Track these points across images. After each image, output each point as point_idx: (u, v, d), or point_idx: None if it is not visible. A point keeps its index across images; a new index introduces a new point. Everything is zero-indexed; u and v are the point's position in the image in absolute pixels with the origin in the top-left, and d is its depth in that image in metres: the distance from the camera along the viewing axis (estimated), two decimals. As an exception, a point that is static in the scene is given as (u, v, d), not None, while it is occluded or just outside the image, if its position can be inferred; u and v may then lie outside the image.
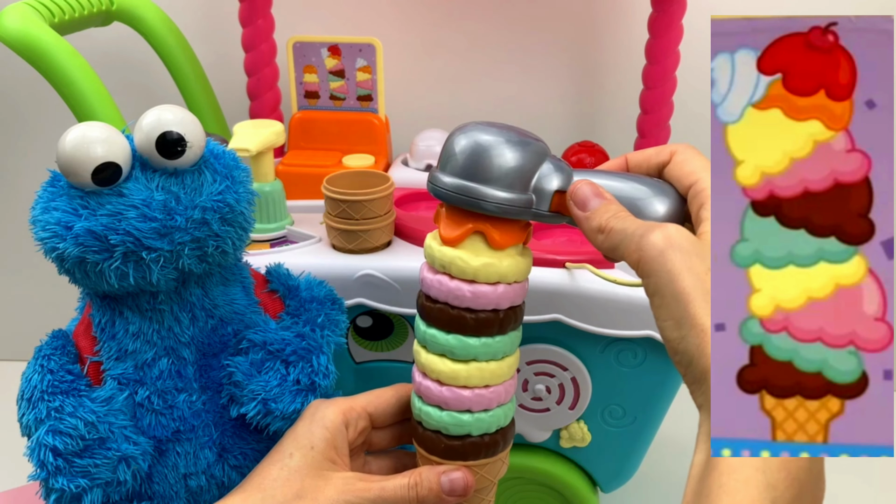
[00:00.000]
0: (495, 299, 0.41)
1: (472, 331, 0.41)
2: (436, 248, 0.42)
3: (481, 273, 0.40)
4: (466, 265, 0.40)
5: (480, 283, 0.41)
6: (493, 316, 0.41)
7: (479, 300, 0.41)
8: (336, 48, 0.70)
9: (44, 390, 0.42)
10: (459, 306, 0.41)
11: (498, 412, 0.44)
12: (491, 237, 0.40)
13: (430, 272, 0.42)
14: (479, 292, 0.41)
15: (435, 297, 0.42)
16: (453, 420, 0.43)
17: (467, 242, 0.41)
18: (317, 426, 0.43)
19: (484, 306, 0.41)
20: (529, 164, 0.39)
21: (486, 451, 0.44)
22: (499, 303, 0.41)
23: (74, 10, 0.59)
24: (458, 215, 0.41)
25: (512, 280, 0.41)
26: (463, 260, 0.40)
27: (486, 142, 0.39)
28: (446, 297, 0.41)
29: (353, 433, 0.44)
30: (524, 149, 0.39)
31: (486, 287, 0.41)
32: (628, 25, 0.76)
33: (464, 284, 0.41)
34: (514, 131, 0.40)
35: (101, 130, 0.39)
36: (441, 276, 0.42)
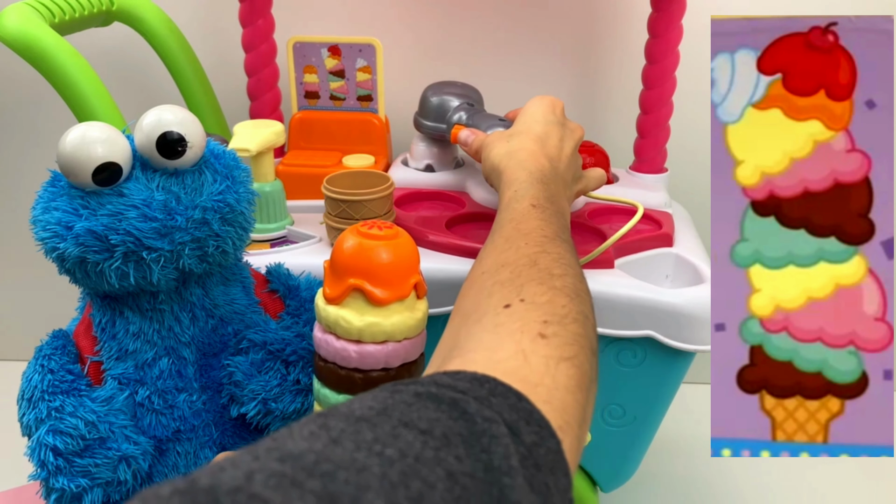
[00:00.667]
0: (384, 359, 0.40)
1: (361, 391, 0.40)
2: (321, 307, 0.40)
3: (366, 333, 0.39)
4: (350, 325, 0.39)
5: (366, 343, 0.39)
6: (384, 375, 0.40)
7: (366, 360, 0.40)
8: (336, 48, 0.70)
9: (44, 390, 0.42)
10: (347, 367, 0.40)
11: None
12: (371, 294, 0.39)
13: (320, 331, 0.41)
14: (365, 352, 0.39)
15: (324, 357, 0.41)
16: None
17: (350, 301, 0.39)
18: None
19: (372, 366, 0.40)
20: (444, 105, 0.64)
21: None
22: (388, 362, 0.40)
23: (74, 10, 0.59)
24: (339, 271, 0.40)
25: (401, 338, 0.40)
26: (346, 320, 0.39)
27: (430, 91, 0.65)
28: (334, 357, 0.40)
29: None
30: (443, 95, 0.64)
31: (373, 347, 0.40)
32: (628, 25, 0.76)
33: (349, 345, 0.40)
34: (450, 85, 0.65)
35: (101, 130, 0.39)
36: (328, 336, 0.40)
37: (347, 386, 0.40)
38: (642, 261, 0.59)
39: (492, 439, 0.25)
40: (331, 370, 0.41)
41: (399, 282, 0.40)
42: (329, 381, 0.41)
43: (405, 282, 0.40)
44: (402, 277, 0.40)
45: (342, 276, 0.39)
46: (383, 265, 0.39)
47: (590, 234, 0.60)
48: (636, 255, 0.59)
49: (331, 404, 0.40)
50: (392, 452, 0.22)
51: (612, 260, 0.55)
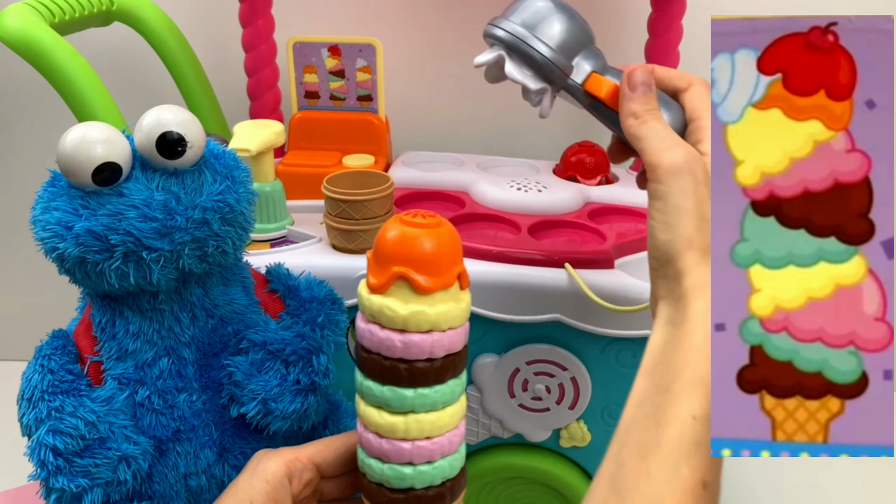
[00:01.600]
0: (428, 349, 0.39)
1: (406, 382, 0.39)
2: (365, 297, 0.40)
3: (411, 322, 0.38)
4: (395, 314, 0.38)
5: (411, 333, 0.39)
6: (429, 366, 0.39)
7: (410, 350, 0.39)
8: (336, 48, 0.70)
9: (44, 390, 0.42)
10: (392, 357, 0.39)
11: (442, 464, 0.41)
12: (415, 283, 0.38)
13: (363, 321, 0.41)
14: (410, 342, 0.39)
15: (368, 348, 0.40)
16: (395, 473, 0.41)
17: (395, 289, 0.39)
18: (258, 479, 0.42)
19: (417, 356, 0.39)
20: (578, 40, 0.47)
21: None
22: (433, 352, 0.39)
23: (74, 10, 0.59)
24: (383, 260, 0.39)
25: (446, 327, 0.39)
26: (391, 309, 0.38)
27: (548, 6, 0.46)
28: (378, 347, 0.39)
29: (298, 485, 0.43)
30: (577, 26, 0.46)
31: (418, 336, 0.39)
32: (628, 25, 0.76)
33: (394, 334, 0.39)
34: (572, 9, 0.47)
35: (101, 130, 0.39)
36: (372, 326, 0.40)
37: (392, 377, 0.40)
38: (642, 261, 0.58)
39: None
40: (375, 361, 0.40)
41: (443, 270, 0.39)
42: (373, 372, 0.40)
43: (449, 271, 0.39)
44: (446, 266, 0.39)
45: (386, 264, 0.39)
46: (427, 253, 0.38)
47: (590, 234, 0.60)
48: (636, 255, 0.59)
49: (374, 396, 0.40)
50: None
51: (612, 260, 0.55)
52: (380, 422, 0.40)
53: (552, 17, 0.46)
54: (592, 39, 0.47)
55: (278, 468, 0.42)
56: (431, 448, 0.41)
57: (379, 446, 0.41)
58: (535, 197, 0.62)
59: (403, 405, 0.40)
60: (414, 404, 0.40)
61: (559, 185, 0.65)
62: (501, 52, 0.47)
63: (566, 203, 0.62)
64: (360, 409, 0.42)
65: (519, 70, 0.46)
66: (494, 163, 0.72)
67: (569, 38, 0.46)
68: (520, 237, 0.58)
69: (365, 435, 0.42)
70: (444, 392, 0.40)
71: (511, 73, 0.46)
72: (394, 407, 0.40)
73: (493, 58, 0.47)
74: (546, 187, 0.64)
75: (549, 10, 0.46)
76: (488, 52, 0.47)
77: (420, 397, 0.40)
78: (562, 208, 0.62)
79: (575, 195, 0.64)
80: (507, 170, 0.71)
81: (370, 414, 0.41)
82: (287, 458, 0.43)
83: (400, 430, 0.40)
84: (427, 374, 0.39)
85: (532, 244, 0.56)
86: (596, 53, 0.47)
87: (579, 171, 0.68)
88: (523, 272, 0.54)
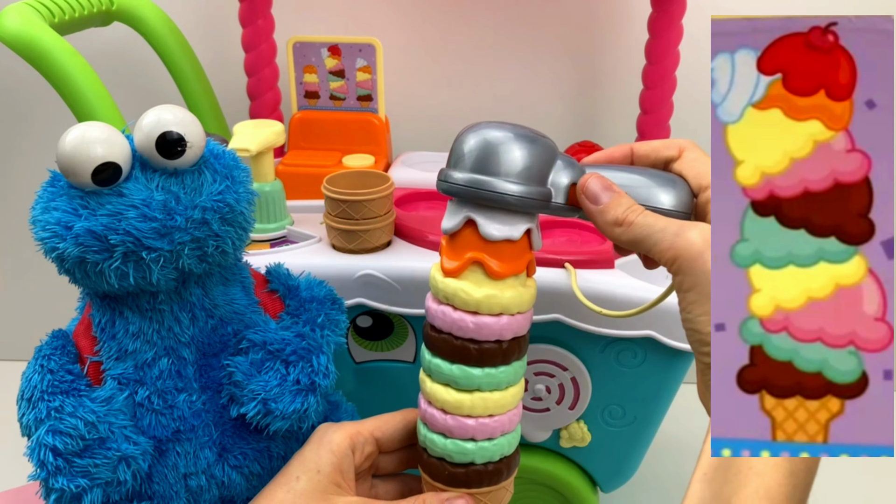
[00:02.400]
0: (498, 330, 0.41)
1: (475, 361, 0.41)
2: (439, 280, 0.42)
3: (483, 305, 0.40)
4: (469, 297, 0.40)
5: (483, 315, 0.41)
6: (497, 347, 0.41)
7: (482, 331, 0.41)
8: (336, 48, 0.70)
9: (44, 390, 0.42)
10: (463, 337, 0.41)
11: (502, 441, 0.44)
12: (489, 267, 0.40)
13: (434, 302, 0.43)
14: (482, 324, 0.41)
15: (439, 328, 0.42)
16: (457, 448, 0.43)
17: (469, 273, 0.41)
18: (324, 450, 0.44)
19: (487, 337, 0.41)
20: (544, 158, 0.40)
21: (489, 480, 0.44)
22: (502, 334, 0.41)
23: (74, 10, 0.59)
24: (460, 245, 0.41)
25: (515, 311, 0.41)
26: (465, 292, 0.40)
27: (497, 138, 0.39)
28: (450, 327, 0.41)
29: (360, 457, 0.45)
30: (536, 144, 0.40)
31: (490, 318, 0.41)
32: (628, 25, 0.76)
33: (467, 316, 0.41)
34: (521, 128, 0.40)
35: (100, 130, 0.39)
36: (445, 307, 0.42)
37: (462, 356, 0.41)
38: (642, 261, 0.59)
39: None
40: (445, 340, 0.42)
41: (515, 257, 0.41)
42: (443, 350, 0.42)
43: (521, 258, 0.41)
44: (517, 253, 0.41)
45: (461, 249, 0.41)
46: (501, 240, 0.40)
47: (590, 234, 0.60)
48: (636, 255, 0.59)
49: (443, 374, 0.42)
50: None
51: (612, 260, 0.55)
52: (447, 398, 0.42)
53: (506, 146, 0.39)
54: (556, 148, 0.41)
55: (343, 440, 0.44)
56: (493, 425, 0.43)
57: (444, 422, 0.43)
58: (535, 197, 0.62)
59: (471, 383, 0.42)
60: (481, 383, 0.42)
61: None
62: (467, 213, 0.40)
63: (566, 203, 0.62)
64: (427, 386, 0.44)
65: (498, 226, 0.40)
66: (494, 163, 0.72)
67: (534, 161, 0.40)
68: (520, 237, 0.58)
69: (429, 410, 0.44)
70: (509, 373, 0.42)
71: (492, 236, 0.40)
72: (461, 385, 0.42)
73: (461, 221, 0.41)
74: (546, 187, 0.64)
75: (500, 141, 0.39)
76: (453, 214, 0.41)
77: (487, 376, 0.42)
78: (562, 208, 0.62)
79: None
80: (507, 170, 0.71)
81: (437, 391, 0.43)
82: (350, 431, 0.45)
83: (466, 407, 0.42)
84: (495, 355, 0.42)
85: (532, 244, 0.56)
86: (567, 161, 0.41)
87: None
88: (523, 272, 0.54)
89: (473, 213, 0.40)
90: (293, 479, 0.43)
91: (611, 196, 0.39)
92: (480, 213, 0.40)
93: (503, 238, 0.40)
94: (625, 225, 0.38)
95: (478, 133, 0.40)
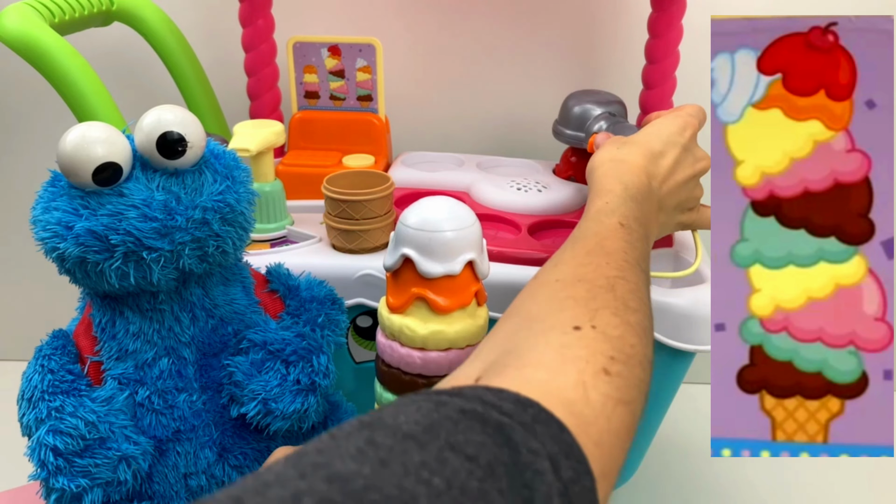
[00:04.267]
0: (447, 365, 0.41)
1: None
2: (385, 316, 0.42)
3: (430, 341, 0.40)
4: (414, 334, 0.40)
5: (430, 350, 0.40)
6: None
7: (429, 367, 0.41)
8: (336, 48, 0.70)
9: (44, 390, 0.42)
10: (411, 372, 0.41)
11: None
12: (434, 303, 0.40)
13: (383, 337, 0.42)
14: (429, 359, 0.40)
15: (388, 362, 0.42)
16: None
17: (414, 310, 0.40)
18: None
19: (435, 373, 0.41)
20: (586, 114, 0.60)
21: None
22: (451, 367, 0.41)
23: (74, 10, 0.59)
24: (402, 281, 0.41)
25: (464, 345, 0.41)
26: (411, 329, 0.40)
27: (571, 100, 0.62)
28: (398, 363, 0.41)
29: None
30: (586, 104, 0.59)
31: (437, 353, 0.40)
32: (628, 25, 0.76)
33: (414, 352, 0.41)
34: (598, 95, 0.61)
35: (101, 130, 0.39)
36: (392, 343, 0.41)
37: (411, 390, 0.41)
38: (642, 261, 0.59)
39: (535, 475, 0.24)
40: (394, 375, 0.42)
41: (461, 290, 0.40)
42: (392, 385, 0.42)
43: (466, 290, 0.41)
44: (461, 286, 0.40)
45: (406, 285, 0.40)
46: (441, 276, 0.40)
47: (590, 234, 0.60)
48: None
49: None
50: (439, 482, 0.22)
51: (612, 260, 0.55)
52: None
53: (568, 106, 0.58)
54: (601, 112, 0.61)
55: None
56: None
57: None
58: (535, 197, 0.62)
59: None
60: None
61: (559, 185, 0.65)
62: (403, 251, 0.41)
63: (566, 203, 0.62)
64: None
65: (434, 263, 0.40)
66: (494, 163, 0.72)
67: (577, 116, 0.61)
68: (520, 237, 0.58)
69: None
70: None
71: (431, 273, 0.40)
72: None
73: (399, 260, 0.41)
74: (546, 187, 0.64)
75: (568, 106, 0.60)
76: (392, 251, 0.42)
77: None
78: (562, 208, 0.62)
79: (575, 195, 0.63)
80: (507, 170, 0.71)
81: None
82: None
83: None
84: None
85: (532, 244, 0.56)
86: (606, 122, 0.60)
87: (579, 171, 0.68)
88: (523, 272, 0.54)
89: (409, 251, 0.40)
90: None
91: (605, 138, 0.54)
92: (417, 249, 0.40)
93: (443, 274, 0.40)
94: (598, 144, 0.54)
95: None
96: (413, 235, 0.40)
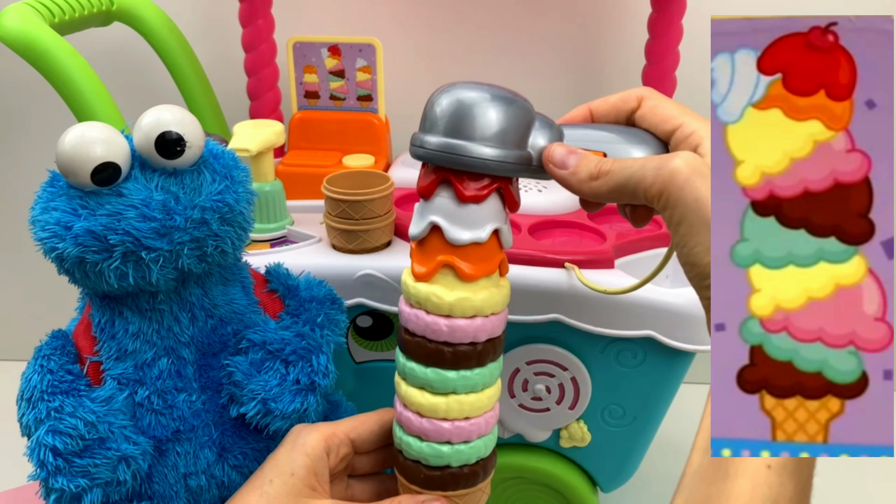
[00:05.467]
0: (472, 333, 0.40)
1: (449, 364, 0.41)
2: (410, 285, 0.41)
3: (456, 308, 0.40)
4: (441, 301, 0.40)
5: (456, 318, 0.40)
6: (471, 349, 0.41)
7: (456, 334, 0.40)
8: (336, 48, 0.70)
9: (44, 390, 0.42)
10: (437, 340, 0.41)
11: (478, 443, 0.43)
12: (460, 270, 0.40)
13: (407, 306, 0.42)
14: (455, 327, 0.40)
15: (412, 331, 0.42)
16: (433, 451, 0.42)
17: (440, 277, 0.40)
18: (298, 452, 0.43)
19: (461, 340, 0.40)
20: (521, 120, 0.38)
21: (465, 482, 0.43)
22: (476, 336, 0.41)
23: (74, 10, 0.59)
24: (428, 249, 0.40)
25: (489, 313, 0.41)
26: (437, 296, 0.40)
27: (472, 99, 0.37)
28: (423, 331, 0.41)
29: (335, 459, 0.44)
30: (514, 105, 0.38)
31: (463, 321, 0.40)
32: (628, 25, 0.76)
33: (440, 319, 0.40)
34: (498, 88, 0.38)
35: (100, 130, 0.39)
36: (418, 311, 0.41)
37: (436, 359, 0.41)
38: (642, 261, 0.59)
39: None
40: (419, 344, 0.41)
41: (486, 258, 0.40)
42: (417, 354, 0.41)
43: (492, 258, 0.41)
44: (487, 254, 0.40)
45: (433, 253, 0.40)
46: (469, 243, 0.40)
47: (590, 234, 0.60)
48: (636, 255, 0.59)
49: (417, 377, 0.42)
50: None
51: (612, 260, 0.55)
52: (422, 402, 0.42)
53: (482, 107, 0.37)
54: (533, 109, 0.39)
55: (318, 442, 0.43)
56: (469, 428, 0.42)
57: (419, 425, 0.42)
58: (535, 197, 0.62)
59: (446, 386, 0.41)
60: (456, 386, 0.41)
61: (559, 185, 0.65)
62: (431, 218, 0.39)
63: (566, 203, 0.62)
64: (402, 390, 0.43)
65: (463, 229, 0.39)
66: (494, 163, 0.72)
67: (511, 123, 0.38)
68: (520, 237, 0.58)
69: (405, 414, 0.43)
70: (485, 374, 0.42)
71: (459, 240, 0.39)
72: (436, 388, 0.41)
73: (426, 228, 0.40)
74: (546, 187, 0.64)
75: (475, 103, 0.37)
76: (419, 220, 0.40)
77: (462, 379, 0.41)
78: (562, 208, 0.62)
79: (575, 195, 0.64)
80: (507, 170, 0.71)
81: (412, 394, 0.42)
82: (325, 432, 0.44)
83: (441, 411, 0.41)
84: (470, 357, 0.41)
85: (532, 244, 0.56)
86: (544, 122, 0.40)
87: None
88: (523, 272, 0.54)
89: (437, 218, 0.39)
90: (266, 483, 0.42)
91: (577, 157, 0.38)
92: (445, 217, 0.39)
93: (471, 241, 0.39)
94: (601, 175, 0.37)
95: (451, 94, 0.37)
96: (441, 203, 0.39)
